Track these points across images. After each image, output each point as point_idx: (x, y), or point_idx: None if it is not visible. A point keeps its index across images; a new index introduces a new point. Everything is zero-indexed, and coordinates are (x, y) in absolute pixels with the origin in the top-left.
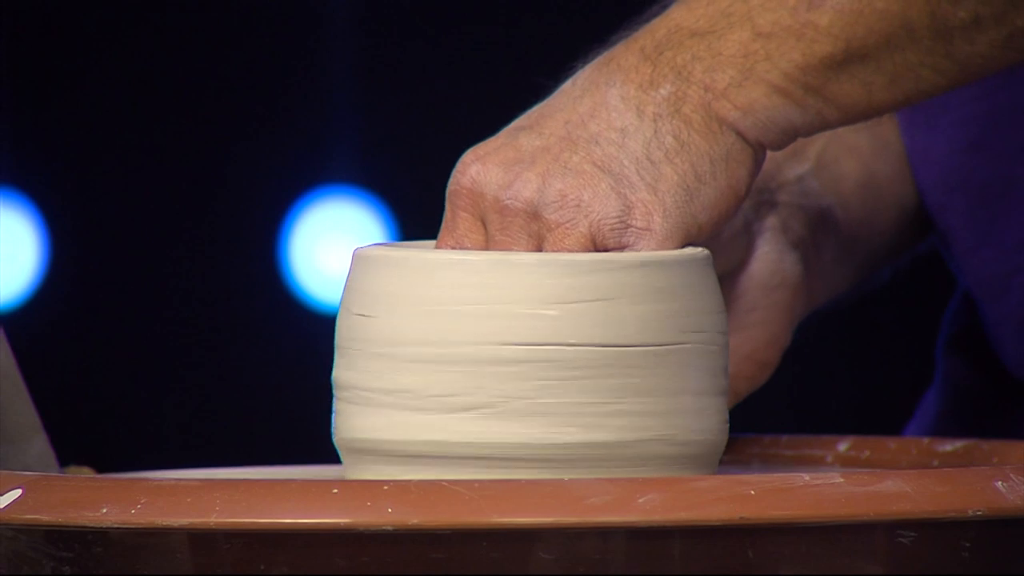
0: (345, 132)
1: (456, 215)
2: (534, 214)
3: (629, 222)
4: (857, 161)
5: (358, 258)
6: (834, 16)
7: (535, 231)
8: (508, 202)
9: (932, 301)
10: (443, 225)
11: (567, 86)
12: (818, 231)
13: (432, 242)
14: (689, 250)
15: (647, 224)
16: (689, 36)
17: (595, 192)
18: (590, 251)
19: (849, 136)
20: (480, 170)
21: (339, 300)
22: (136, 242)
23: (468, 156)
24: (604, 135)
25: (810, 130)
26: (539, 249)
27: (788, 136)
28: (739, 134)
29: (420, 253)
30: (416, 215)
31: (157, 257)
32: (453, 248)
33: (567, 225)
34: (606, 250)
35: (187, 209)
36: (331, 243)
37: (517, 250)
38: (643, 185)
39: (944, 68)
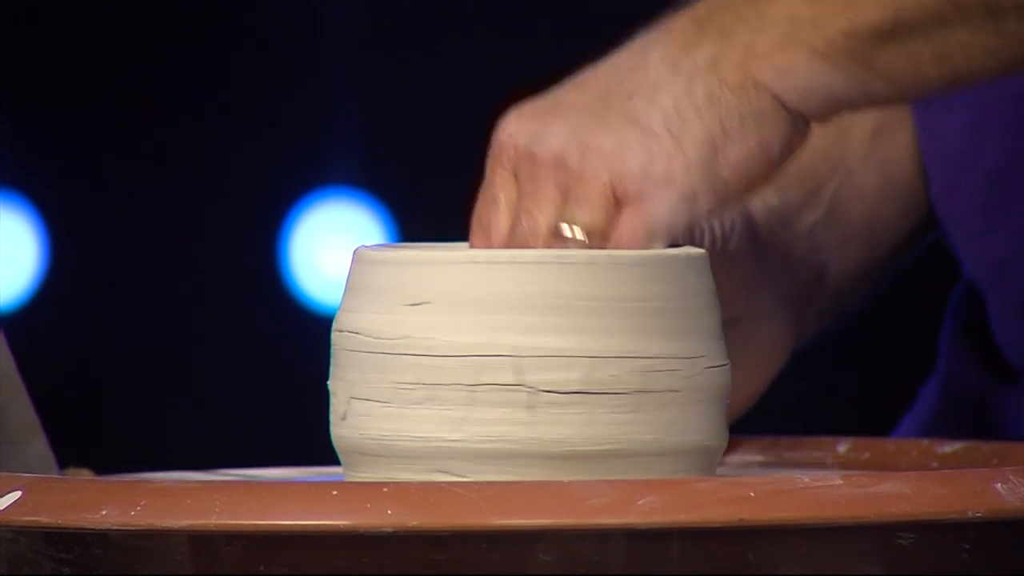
0: (345, 134)
1: (493, 171)
2: (561, 164)
3: (650, 172)
4: (861, 206)
5: (357, 258)
6: None
7: (562, 181)
8: (536, 150)
9: (933, 301)
10: (483, 182)
11: (622, 48)
12: (814, 287)
13: (432, 244)
14: (686, 250)
15: (668, 175)
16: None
17: (619, 142)
18: (610, 201)
19: (859, 176)
20: (516, 122)
21: (339, 299)
22: (136, 243)
23: (511, 113)
24: (638, 91)
25: (854, 102)
26: (565, 199)
27: (829, 106)
28: (776, 97)
29: (417, 253)
30: (416, 217)
31: (157, 258)
32: (489, 204)
33: (589, 174)
34: (627, 199)
35: (187, 210)
36: (331, 245)
37: (543, 197)
38: (667, 136)
39: (995, 48)
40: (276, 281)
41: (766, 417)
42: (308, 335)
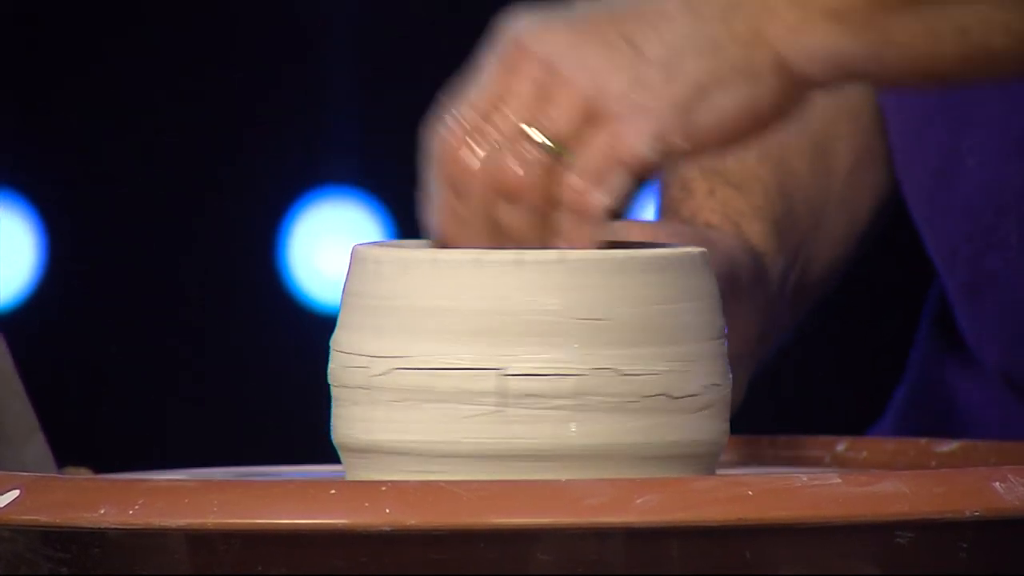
0: (344, 133)
1: (488, 59)
2: (547, 65)
3: (631, 96)
4: (828, 254)
5: (356, 256)
6: None
7: (540, 80)
8: (529, 45)
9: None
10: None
11: None
12: (760, 341)
13: (429, 242)
14: (685, 249)
15: (647, 105)
16: None
17: (609, 59)
18: (582, 113)
19: (831, 221)
20: (525, 19)
21: (339, 298)
22: (135, 242)
23: (524, 12)
24: (647, 18)
25: (864, 70)
26: (539, 101)
27: (836, 70)
28: (780, 56)
29: (415, 252)
30: (414, 216)
31: (156, 257)
32: (470, 93)
33: (570, 81)
34: (599, 118)
35: (186, 209)
36: (330, 243)
37: (516, 92)
38: (659, 68)
39: (1017, 30)
40: (275, 280)
41: (765, 416)
42: (307, 334)
